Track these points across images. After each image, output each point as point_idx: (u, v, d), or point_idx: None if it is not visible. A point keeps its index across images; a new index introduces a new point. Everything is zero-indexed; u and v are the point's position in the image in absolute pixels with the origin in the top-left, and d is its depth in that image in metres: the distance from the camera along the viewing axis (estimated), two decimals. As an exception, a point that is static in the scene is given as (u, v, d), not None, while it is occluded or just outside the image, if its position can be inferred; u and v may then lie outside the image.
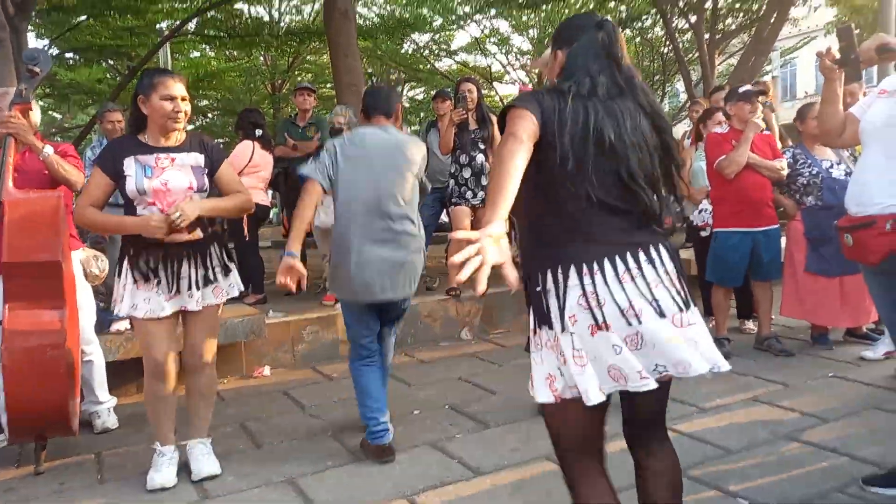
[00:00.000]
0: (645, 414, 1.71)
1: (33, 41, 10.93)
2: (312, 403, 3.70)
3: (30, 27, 9.16)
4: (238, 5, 11.84)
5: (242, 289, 2.91)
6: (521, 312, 4.20)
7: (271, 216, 8.00)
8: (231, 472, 2.82)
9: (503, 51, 16.60)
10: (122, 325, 3.76)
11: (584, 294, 1.51)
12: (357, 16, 9.28)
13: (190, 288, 2.64)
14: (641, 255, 1.56)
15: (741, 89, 4.22)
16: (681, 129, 8.75)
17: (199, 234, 2.65)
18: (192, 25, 10.73)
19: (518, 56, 16.62)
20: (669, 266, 1.59)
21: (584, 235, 1.56)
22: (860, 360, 3.96)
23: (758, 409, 3.28)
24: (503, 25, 15.85)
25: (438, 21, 15.17)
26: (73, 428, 2.79)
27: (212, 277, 2.69)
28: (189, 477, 2.75)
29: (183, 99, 2.59)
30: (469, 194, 5.02)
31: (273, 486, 2.69)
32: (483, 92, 6.55)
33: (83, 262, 3.30)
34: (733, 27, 12.30)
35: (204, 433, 2.87)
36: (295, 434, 3.25)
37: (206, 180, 2.67)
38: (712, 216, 4.39)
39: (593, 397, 1.49)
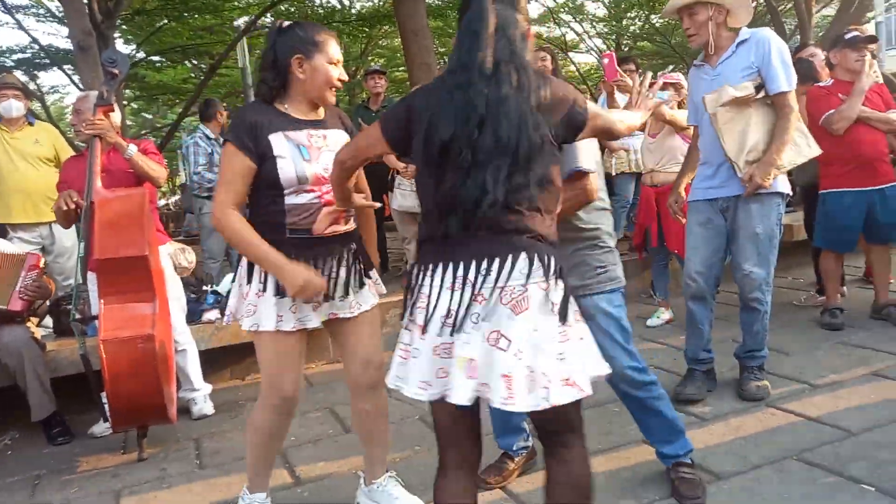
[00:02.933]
0: (540, 422, 1.62)
1: (121, 46, 11.48)
2: (399, 387, 3.67)
3: (117, 34, 9.63)
4: (309, -6, 11.98)
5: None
6: (630, 301, 3.97)
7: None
8: (322, 457, 2.83)
9: (577, 19, 16.05)
10: (213, 315, 3.85)
11: (420, 294, 1.53)
12: (426, -5, 9.15)
13: (344, 290, 2.09)
14: (481, 265, 1.45)
15: (847, 35, 3.82)
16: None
17: (352, 223, 2.13)
18: (267, 19, 10.95)
19: (594, 23, 16.03)
20: (515, 283, 1.44)
21: (440, 237, 1.52)
22: None
23: (880, 385, 2.98)
24: (576, -8, 15.32)
25: (509, -6, 14.80)
26: (170, 415, 2.87)
27: (366, 273, 2.18)
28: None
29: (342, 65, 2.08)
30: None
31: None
32: (560, 62, 6.31)
33: (171, 255, 3.40)
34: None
35: (385, 463, 2.35)
36: (382, 418, 3.23)
37: None
38: (819, 177, 4.03)
39: (409, 391, 1.53)
